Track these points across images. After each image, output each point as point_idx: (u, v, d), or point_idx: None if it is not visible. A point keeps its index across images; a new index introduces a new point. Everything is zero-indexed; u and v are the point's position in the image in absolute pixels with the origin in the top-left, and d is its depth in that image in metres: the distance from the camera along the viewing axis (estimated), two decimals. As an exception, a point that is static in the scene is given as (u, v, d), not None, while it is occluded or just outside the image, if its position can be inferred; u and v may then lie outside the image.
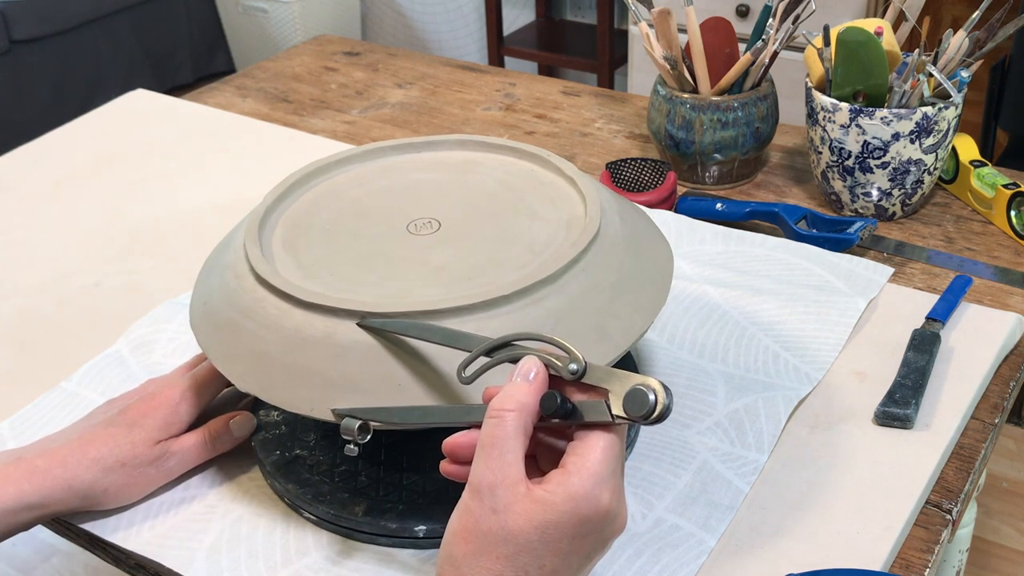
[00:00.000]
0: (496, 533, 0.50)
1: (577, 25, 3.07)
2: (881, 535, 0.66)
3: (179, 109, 1.31)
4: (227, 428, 0.73)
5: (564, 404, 0.53)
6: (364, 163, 0.80)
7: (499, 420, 0.52)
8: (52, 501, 0.66)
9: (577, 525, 0.51)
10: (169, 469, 0.70)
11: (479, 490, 0.51)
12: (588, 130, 1.23)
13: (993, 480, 1.73)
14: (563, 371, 0.54)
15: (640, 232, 0.71)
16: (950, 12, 2.36)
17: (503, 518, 0.50)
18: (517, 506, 0.50)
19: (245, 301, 0.66)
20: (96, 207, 1.09)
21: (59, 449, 0.67)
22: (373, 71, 1.42)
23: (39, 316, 0.92)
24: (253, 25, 3.28)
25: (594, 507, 0.51)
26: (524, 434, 0.52)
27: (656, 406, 0.51)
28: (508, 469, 0.51)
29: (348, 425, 0.59)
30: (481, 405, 0.55)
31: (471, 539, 0.51)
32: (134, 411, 0.70)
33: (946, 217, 1.02)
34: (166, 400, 0.71)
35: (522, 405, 0.52)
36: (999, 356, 0.81)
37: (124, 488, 0.69)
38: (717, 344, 0.82)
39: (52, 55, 3.00)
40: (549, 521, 0.50)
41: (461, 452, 0.55)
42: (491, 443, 0.51)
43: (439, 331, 0.59)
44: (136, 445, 0.69)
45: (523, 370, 0.54)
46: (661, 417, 0.51)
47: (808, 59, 1.01)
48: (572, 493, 0.50)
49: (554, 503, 0.50)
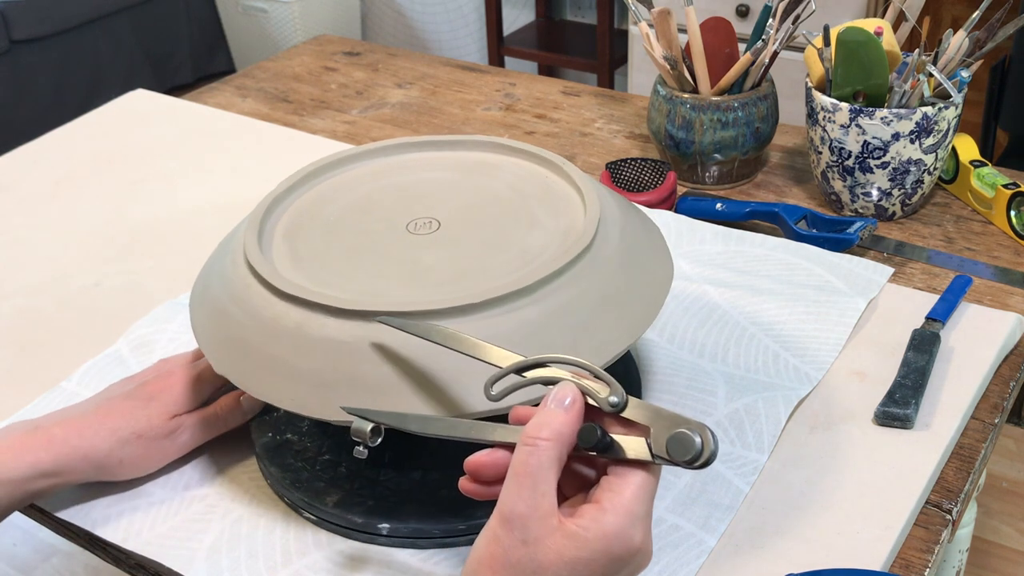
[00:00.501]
0: (525, 565, 0.49)
1: (577, 25, 3.07)
2: (881, 535, 0.66)
3: (179, 109, 1.31)
4: (238, 404, 0.74)
5: (604, 438, 0.51)
6: (367, 162, 0.80)
7: (534, 448, 0.50)
8: (68, 470, 0.68)
9: (608, 564, 0.50)
10: (183, 443, 0.72)
11: (510, 520, 0.50)
12: (588, 130, 1.23)
13: (993, 480, 1.73)
14: (602, 403, 0.52)
15: (640, 247, 0.70)
16: (950, 12, 2.36)
17: (533, 551, 0.49)
18: (548, 540, 0.49)
19: (245, 301, 0.66)
20: (96, 207, 1.09)
21: (77, 419, 0.70)
22: (373, 71, 1.42)
23: (39, 316, 0.93)
24: (253, 25, 3.28)
25: (626, 546, 0.50)
26: (559, 464, 0.51)
27: (703, 452, 0.50)
28: (541, 500, 0.50)
29: (360, 427, 0.57)
30: (509, 426, 0.54)
31: (499, 569, 0.50)
32: (152, 386, 0.72)
33: (946, 217, 1.02)
34: (184, 377, 0.73)
35: (559, 435, 0.51)
36: (999, 356, 0.81)
37: (139, 459, 0.71)
38: (717, 344, 0.82)
39: (52, 55, 3.00)
40: (580, 559, 0.49)
41: (484, 472, 0.53)
42: (524, 472, 0.50)
43: (460, 339, 0.57)
44: (152, 418, 0.71)
45: (559, 396, 0.52)
46: (707, 463, 0.50)
47: (808, 59, 1.01)
48: (606, 531, 0.49)
49: (587, 539, 0.49)
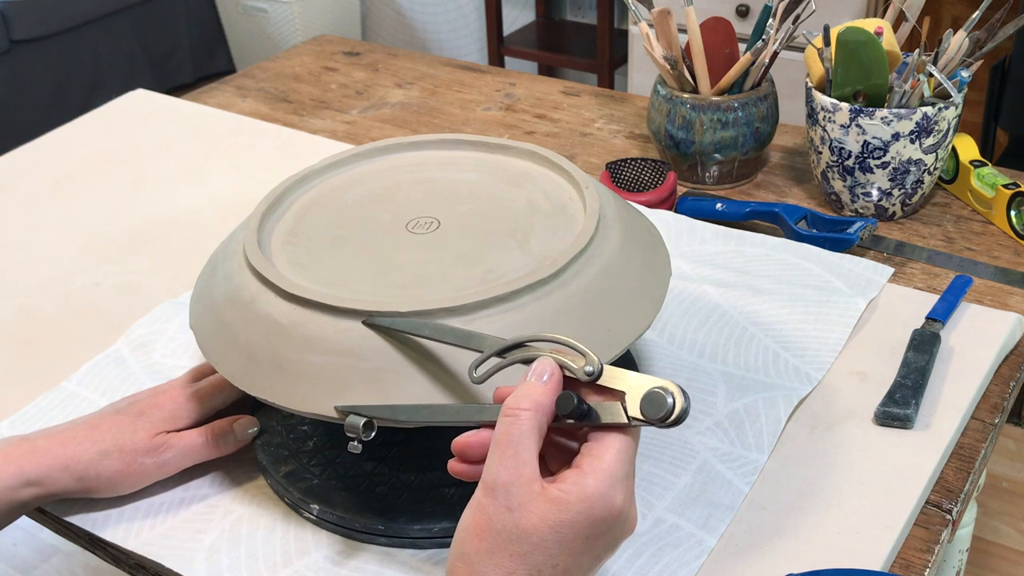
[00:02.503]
0: (510, 531, 0.50)
1: (577, 25, 3.07)
2: (881, 535, 0.66)
3: (179, 109, 1.31)
4: (231, 429, 0.73)
5: (580, 405, 0.53)
6: (367, 162, 0.80)
7: (514, 419, 0.52)
8: (50, 480, 0.67)
9: (591, 525, 0.51)
10: (165, 462, 0.70)
11: (493, 488, 0.51)
12: (588, 130, 1.23)
13: (993, 480, 1.73)
14: (578, 372, 0.54)
15: (639, 247, 0.70)
16: (950, 12, 2.36)
17: (517, 516, 0.50)
18: (532, 504, 0.50)
19: (245, 301, 0.66)
20: (96, 207, 1.09)
21: (63, 431, 0.69)
22: (373, 71, 1.42)
23: (39, 316, 0.93)
24: (253, 25, 3.28)
25: (608, 507, 0.51)
26: (539, 433, 0.52)
27: (674, 409, 0.51)
28: (523, 468, 0.51)
29: (353, 422, 0.59)
30: (493, 405, 0.55)
31: (484, 536, 0.51)
32: (143, 403, 0.72)
33: (946, 217, 1.02)
34: (175, 395, 0.72)
35: (538, 404, 0.52)
36: (999, 356, 0.81)
37: (118, 475, 0.69)
38: (717, 344, 0.82)
39: (52, 55, 3.00)
40: (563, 520, 0.50)
41: (471, 451, 0.55)
42: (506, 441, 0.52)
43: (449, 331, 0.59)
44: (137, 432, 0.70)
45: (537, 370, 0.54)
46: (678, 420, 0.51)
47: (808, 59, 1.01)
48: (587, 493, 0.51)
49: (569, 502, 0.50)
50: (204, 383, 0.74)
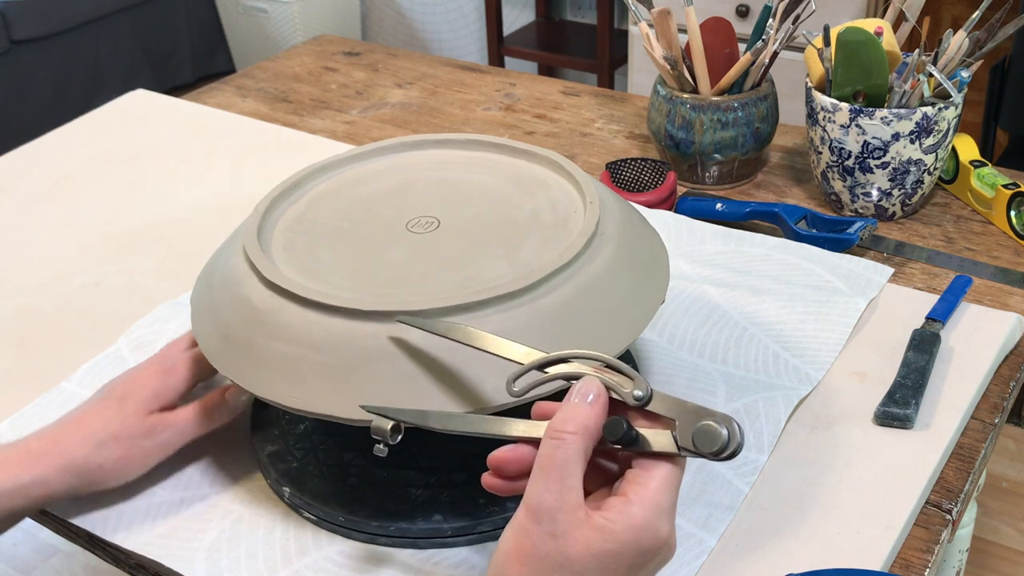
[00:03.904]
0: (554, 558, 0.49)
1: (577, 25, 3.07)
2: (881, 535, 0.66)
3: (179, 109, 1.31)
4: (223, 399, 0.72)
5: (629, 431, 0.51)
6: (366, 162, 0.80)
7: (560, 442, 0.50)
8: (48, 481, 0.66)
9: (636, 556, 0.50)
10: (165, 441, 0.70)
11: (537, 513, 0.50)
12: (588, 130, 1.23)
13: (993, 480, 1.73)
14: (626, 396, 0.52)
15: (639, 247, 0.70)
16: (950, 12, 2.36)
17: (562, 544, 0.49)
18: (577, 532, 0.49)
19: (232, 283, 0.67)
20: (96, 207, 1.09)
21: (53, 430, 0.68)
22: (373, 71, 1.42)
23: (39, 316, 0.92)
24: (253, 25, 3.28)
25: (654, 538, 0.50)
26: (585, 458, 0.51)
27: (729, 443, 0.50)
28: (568, 493, 0.50)
29: (380, 426, 0.57)
30: (532, 422, 0.54)
31: (527, 561, 0.50)
32: (122, 386, 0.70)
33: (946, 217, 1.02)
34: (155, 371, 0.71)
35: (584, 428, 0.51)
36: (999, 356, 0.81)
37: (119, 463, 0.68)
38: (717, 344, 0.82)
39: (52, 55, 3.00)
40: (609, 551, 0.49)
41: (507, 467, 0.54)
42: (551, 465, 0.50)
43: (482, 337, 0.57)
44: (127, 417, 0.68)
45: (583, 391, 0.52)
46: (733, 455, 0.50)
47: (808, 59, 1.01)
48: (633, 524, 0.49)
49: (615, 531, 0.49)
50: (184, 355, 0.72)
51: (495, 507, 0.67)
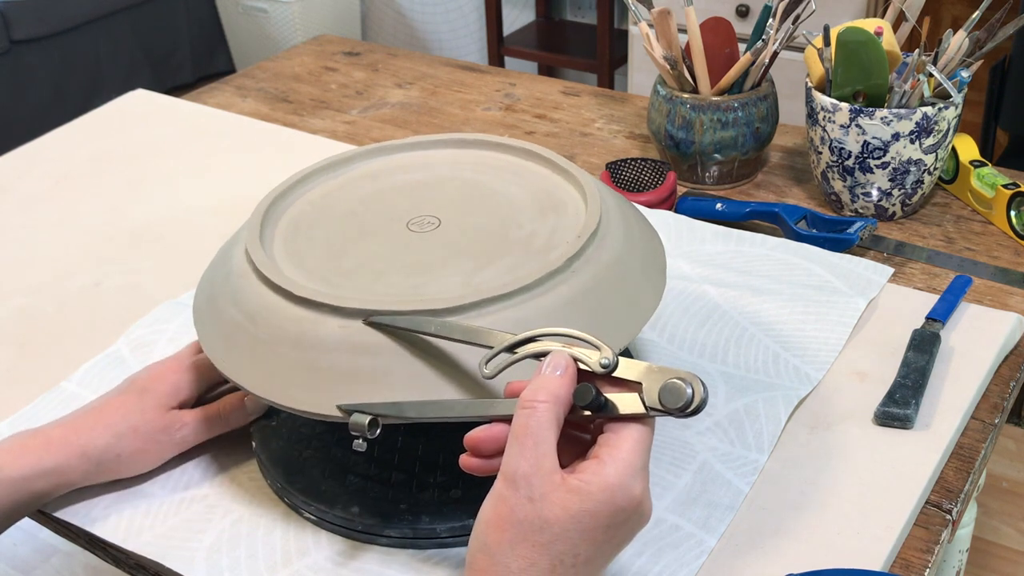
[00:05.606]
0: (532, 521, 0.51)
1: (577, 25, 3.07)
2: (881, 535, 0.66)
3: (179, 109, 1.31)
4: (241, 404, 0.74)
5: (598, 397, 0.53)
6: (366, 162, 0.80)
7: (532, 411, 0.52)
8: (68, 468, 0.68)
9: (612, 515, 0.51)
10: (182, 439, 0.72)
11: (514, 479, 0.51)
12: (588, 130, 1.23)
13: (993, 480, 1.73)
14: (593, 365, 0.54)
15: (639, 247, 0.70)
16: (950, 12, 2.36)
17: (539, 507, 0.51)
18: (553, 495, 0.51)
19: (234, 284, 0.67)
20: (96, 207, 1.09)
21: (74, 419, 0.70)
22: (373, 71, 1.42)
23: (39, 316, 0.93)
24: (253, 25, 3.28)
25: (628, 497, 0.52)
26: (557, 424, 0.53)
27: (694, 398, 0.51)
28: (543, 459, 0.51)
29: (358, 421, 0.58)
30: (504, 399, 0.55)
31: (506, 527, 0.51)
32: (143, 380, 0.72)
33: (946, 217, 1.02)
34: (174, 368, 0.73)
35: (555, 396, 0.53)
36: (999, 356, 0.81)
37: (137, 454, 0.70)
38: (717, 344, 0.82)
39: (52, 55, 3.00)
40: (585, 510, 0.51)
41: (484, 446, 0.55)
42: (524, 433, 0.52)
43: (456, 328, 0.59)
44: (146, 411, 0.71)
45: (552, 363, 0.54)
46: (698, 409, 0.52)
47: (808, 59, 1.01)
48: (608, 483, 0.51)
49: (590, 492, 0.51)
50: (202, 356, 0.74)
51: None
